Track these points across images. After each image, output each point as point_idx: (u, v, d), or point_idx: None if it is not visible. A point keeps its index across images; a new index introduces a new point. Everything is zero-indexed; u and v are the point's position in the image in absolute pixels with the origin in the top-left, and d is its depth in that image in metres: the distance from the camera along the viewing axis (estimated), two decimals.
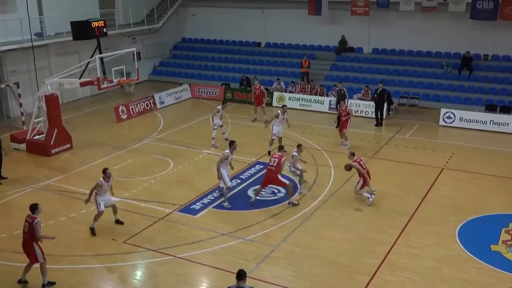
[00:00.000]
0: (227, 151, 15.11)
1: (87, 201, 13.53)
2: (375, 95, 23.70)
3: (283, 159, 15.06)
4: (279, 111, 19.53)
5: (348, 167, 15.36)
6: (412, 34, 28.47)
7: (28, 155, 19.99)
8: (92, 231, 13.63)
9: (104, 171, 13.60)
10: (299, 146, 16.33)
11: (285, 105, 20.98)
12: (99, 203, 13.53)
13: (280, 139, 19.45)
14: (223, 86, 29.63)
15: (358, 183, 15.49)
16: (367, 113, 24.61)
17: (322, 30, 30.66)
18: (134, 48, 21.23)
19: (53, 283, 11.44)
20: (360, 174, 15.36)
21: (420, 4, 27.02)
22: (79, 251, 12.89)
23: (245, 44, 33.84)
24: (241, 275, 8.78)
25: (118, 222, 14.14)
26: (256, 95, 24.15)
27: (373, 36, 29.74)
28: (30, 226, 11.21)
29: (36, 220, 11.23)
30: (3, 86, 23.65)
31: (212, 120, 20.37)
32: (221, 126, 20.66)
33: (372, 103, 24.12)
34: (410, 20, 28.25)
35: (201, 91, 29.28)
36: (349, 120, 20.08)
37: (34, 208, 11.41)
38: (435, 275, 11.74)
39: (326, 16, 29.67)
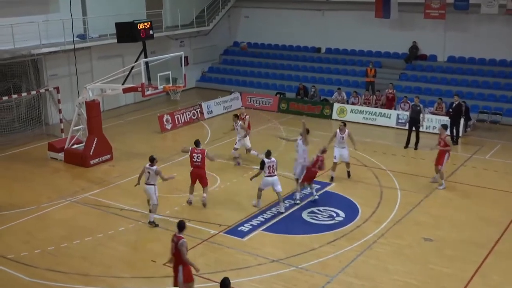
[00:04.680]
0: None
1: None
2: (450, 109, 23.18)
3: (205, 153, 16.71)
4: (337, 130, 18.66)
5: None
6: (495, 41, 27.73)
7: (65, 165, 20.67)
8: (155, 224, 15.30)
9: (152, 159, 15.57)
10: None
11: (344, 122, 19.65)
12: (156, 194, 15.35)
13: (347, 164, 18.56)
14: (278, 95, 29.75)
15: None
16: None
17: (390, 35, 30.35)
18: (182, 52, 21.60)
19: None
20: None
21: (505, 7, 26.32)
22: (116, 271, 13.16)
23: (303, 49, 33.91)
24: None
25: None
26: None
27: (449, 43, 29.16)
28: (175, 246, 11.00)
29: (181, 240, 10.94)
30: (42, 90, 24.58)
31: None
32: (246, 147, 20.74)
33: (447, 118, 23.58)
34: (493, 25, 27.56)
35: (253, 101, 29.50)
36: (447, 152, 18.01)
37: (181, 226, 11.18)
38: None
39: (396, 19, 29.36)
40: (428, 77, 28.94)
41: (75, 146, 21.23)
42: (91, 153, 20.44)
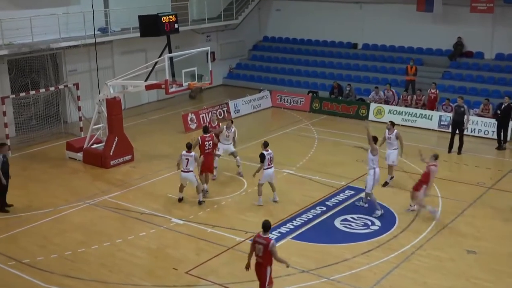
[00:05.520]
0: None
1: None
2: (498, 111, 22.89)
3: (214, 138, 17.99)
4: (386, 130, 18.55)
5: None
6: None
7: (84, 166, 20.95)
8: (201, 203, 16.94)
9: (190, 146, 16.96)
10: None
11: (392, 122, 18.99)
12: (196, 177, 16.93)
13: (390, 170, 18.34)
14: (310, 94, 29.72)
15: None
16: (486, 132, 23.77)
17: (433, 30, 30.07)
18: (208, 48, 21.78)
19: None
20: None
21: None
22: (136, 279, 13.29)
23: (338, 45, 33.82)
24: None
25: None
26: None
27: (498, 39, 28.76)
28: (265, 249, 11.07)
29: (273, 241, 11.14)
30: (61, 86, 24.91)
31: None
32: (232, 154, 19.51)
33: (494, 120, 23.30)
34: None
35: (284, 100, 29.51)
36: None
37: (267, 226, 11.26)
38: None
39: (439, 13, 29.09)
40: (474, 76, 28.58)
41: (95, 146, 21.49)
42: (111, 154, 20.66)
